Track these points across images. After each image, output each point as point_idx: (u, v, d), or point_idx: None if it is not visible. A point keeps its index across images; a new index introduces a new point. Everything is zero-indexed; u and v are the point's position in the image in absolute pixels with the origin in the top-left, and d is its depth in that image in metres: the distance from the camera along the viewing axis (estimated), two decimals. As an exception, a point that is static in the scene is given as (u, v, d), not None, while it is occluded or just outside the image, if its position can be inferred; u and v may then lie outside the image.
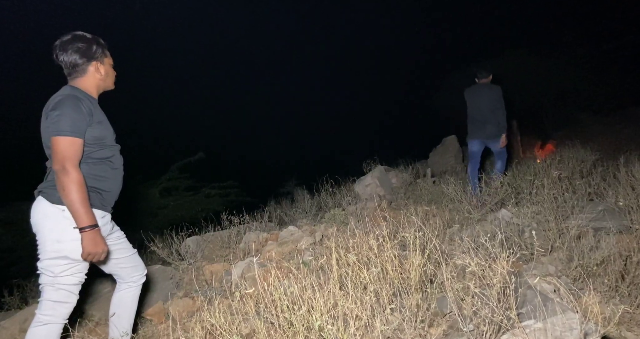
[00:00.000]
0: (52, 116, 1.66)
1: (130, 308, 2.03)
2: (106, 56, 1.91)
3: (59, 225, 1.69)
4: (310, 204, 4.60)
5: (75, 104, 1.69)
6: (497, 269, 1.55)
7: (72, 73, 1.83)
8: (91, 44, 1.83)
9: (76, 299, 1.77)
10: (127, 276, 2.01)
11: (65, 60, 1.79)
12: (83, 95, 1.79)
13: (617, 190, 3.26)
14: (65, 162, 1.62)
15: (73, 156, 1.65)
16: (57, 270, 1.69)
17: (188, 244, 3.53)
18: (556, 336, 1.48)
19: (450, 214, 3.43)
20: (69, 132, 1.64)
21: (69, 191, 1.61)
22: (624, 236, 2.59)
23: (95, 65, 1.85)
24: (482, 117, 4.62)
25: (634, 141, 8.14)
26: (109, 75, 1.93)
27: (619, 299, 1.99)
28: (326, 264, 1.84)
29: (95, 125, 1.76)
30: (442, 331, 1.73)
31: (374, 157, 5.68)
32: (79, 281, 1.77)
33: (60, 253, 1.68)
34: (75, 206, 1.62)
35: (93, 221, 1.67)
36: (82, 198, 1.63)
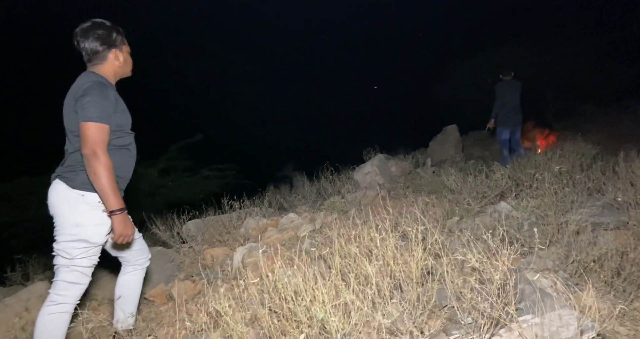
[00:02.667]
0: (83, 102, 1.69)
1: (136, 290, 2.09)
2: (124, 44, 1.95)
3: (78, 209, 1.74)
4: (309, 191, 4.61)
5: (104, 90, 1.73)
6: (498, 266, 1.57)
7: (92, 60, 1.86)
8: (111, 31, 1.86)
9: (88, 280, 1.84)
10: (133, 259, 2.06)
11: (86, 47, 1.82)
12: (107, 82, 1.82)
13: (616, 185, 3.28)
14: (96, 148, 1.66)
15: (102, 141, 1.70)
16: (75, 253, 1.75)
17: (189, 228, 3.56)
18: (553, 331, 1.52)
19: (450, 206, 3.46)
20: (98, 118, 1.69)
21: (101, 176, 1.66)
22: (621, 232, 2.63)
23: (115, 53, 1.88)
24: (512, 108, 5.80)
25: (633, 134, 8.16)
26: (127, 62, 1.97)
27: (614, 295, 2.03)
28: (329, 255, 1.86)
29: (119, 112, 1.81)
30: (440, 323, 1.76)
31: (374, 145, 5.67)
32: (93, 264, 1.84)
33: (78, 236, 1.74)
34: (106, 190, 1.67)
35: (122, 204, 1.74)
36: (113, 183, 1.69)
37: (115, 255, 2.04)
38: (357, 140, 8.59)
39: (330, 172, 4.72)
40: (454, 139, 7.67)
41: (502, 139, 5.95)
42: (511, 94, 5.78)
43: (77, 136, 1.73)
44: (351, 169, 5.09)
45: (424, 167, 5.46)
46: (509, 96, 5.77)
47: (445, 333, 1.76)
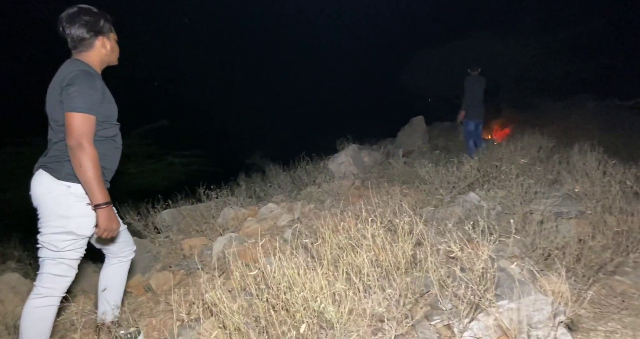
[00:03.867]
0: (69, 91, 1.61)
1: (121, 282, 2.06)
2: (112, 31, 1.87)
3: (65, 201, 1.68)
4: (284, 180, 4.62)
5: (91, 80, 1.66)
6: (480, 255, 1.67)
7: (78, 47, 1.77)
8: (99, 18, 1.78)
9: (75, 273, 1.79)
10: (119, 251, 2.02)
11: (72, 34, 1.74)
12: (93, 71, 1.75)
13: (573, 177, 3.55)
14: (82, 139, 1.60)
15: (89, 132, 1.63)
16: (61, 245, 1.69)
17: (164, 217, 3.48)
18: (527, 315, 1.65)
19: (423, 195, 3.60)
20: (84, 108, 1.62)
21: (86, 168, 1.60)
22: (580, 221, 2.87)
23: (102, 40, 1.80)
24: (478, 102, 6.19)
25: (581, 127, 8.77)
26: (114, 50, 1.89)
27: (575, 280, 2.23)
28: (319, 246, 1.91)
29: (106, 103, 1.75)
30: (423, 310, 1.87)
31: (346, 135, 5.75)
32: (79, 256, 1.79)
33: (65, 229, 1.69)
34: (92, 183, 1.62)
35: (108, 197, 1.69)
36: (98, 175, 1.64)
37: (99, 247, 1.99)
38: (327, 129, 8.63)
39: (307, 162, 4.74)
40: (420, 130, 7.90)
41: (468, 131, 6.29)
42: (478, 88, 6.13)
43: (62, 126, 1.65)
44: (326, 158, 5.14)
45: (395, 157, 5.61)
46: (477, 89, 6.13)
47: (427, 319, 1.87)
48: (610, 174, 3.27)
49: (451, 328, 1.79)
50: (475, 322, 1.76)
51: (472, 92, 6.15)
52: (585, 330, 1.84)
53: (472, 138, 6.32)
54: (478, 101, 6.19)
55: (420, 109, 10.12)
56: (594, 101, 11.08)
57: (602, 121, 9.36)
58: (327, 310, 1.41)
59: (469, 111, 6.21)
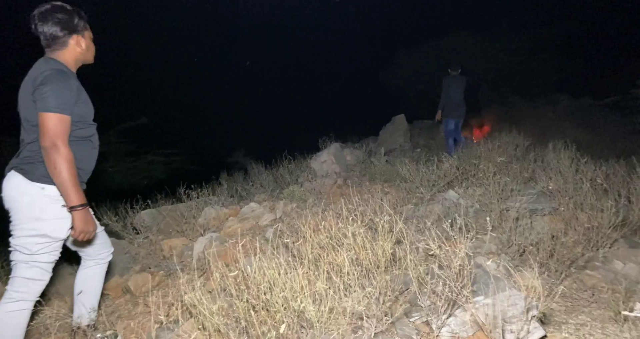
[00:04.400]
0: (42, 91, 1.57)
1: (97, 284, 2.02)
2: (87, 29, 1.81)
3: (39, 203, 1.64)
4: (267, 179, 4.60)
5: (65, 79, 1.62)
6: (457, 253, 1.71)
7: (52, 45, 1.72)
8: (73, 16, 1.72)
9: (49, 277, 1.75)
10: (95, 253, 1.98)
11: (45, 32, 1.68)
12: (68, 70, 1.70)
13: (547, 175, 3.66)
14: (56, 139, 1.56)
15: (63, 133, 1.59)
16: (35, 248, 1.65)
17: (143, 218, 3.41)
18: (502, 310, 1.70)
19: (404, 193, 3.65)
20: (59, 108, 1.58)
21: (61, 170, 1.56)
22: (553, 218, 2.96)
23: (77, 39, 1.75)
24: (458, 101, 6.28)
25: (556, 125, 9.03)
26: (89, 49, 1.84)
27: (547, 275, 2.30)
28: (300, 246, 1.91)
29: (81, 103, 1.70)
30: (402, 307, 1.90)
31: (329, 133, 5.76)
32: (54, 259, 1.75)
33: (39, 231, 1.65)
34: (67, 185, 1.58)
35: (84, 199, 1.65)
36: (74, 177, 1.60)
37: (75, 249, 1.94)
38: (310, 127, 8.63)
39: (288, 160, 4.73)
40: (402, 129, 7.98)
41: (448, 130, 6.40)
42: (458, 87, 6.23)
43: (35, 126, 1.60)
44: (308, 157, 5.14)
45: (377, 155, 5.65)
46: (456, 89, 6.21)
47: (407, 316, 1.90)
48: (582, 171, 3.38)
49: (429, 324, 1.83)
50: (452, 318, 1.80)
51: (449, 91, 6.22)
52: (557, 323, 1.91)
53: (452, 136, 6.42)
54: (458, 100, 6.25)
55: (402, 107, 10.24)
56: (569, 100, 11.42)
57: (576, 119, 9.66)
58: (307, 310, 1.42)
59: (449, 111, 6.28)
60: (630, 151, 5.72)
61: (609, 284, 2.21)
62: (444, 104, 6.32)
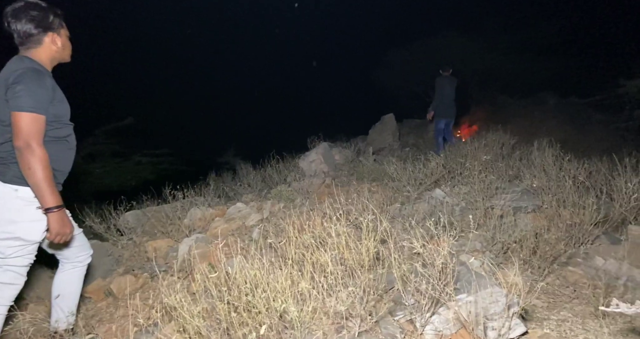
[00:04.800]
0: (15, 90, 1.52)
1: (76, 288, 1.98)
2: (63, 27, 1.76)
3: (12, 205, 1.61)
4: (255, 179, 4.58)
5: (39, 78, 1.58)
6: (440, 251, 1.72)
7: (26, 43, 1.67)
8: (47, 13, 1.68)
9: (24, 281, 1.71)
10: (73, 256, 1.94)
11: (19, 30, 1.64)
12: (43, 68, 1.66)
13: (532, 173, 3.70)
14: (30, 140, 1.52)
15: (38, 133, 1.55)
16: (8, 251, 1.62)
17: (127, 219, 3.37)
18: (484, 307, 1.71)
19: (391, 192, 3.66)
20: (33, 108, 1.54)
21: (35, 171, 1.52)
22: (537, 215, 3.00)
23: (52, 37, 1.71)
24: (449, 101, 6.37)
25: (542, 124, 9.14)
26: (65, 47, 1.78)
27: (531, 272, 2.33)
28: (284, 245, 1.90)
29: (56, 102, 1.66)
30: (387, 306, 1.90)
31: (317, 133, 5.75)
32: (29, 263, 1.71)
33: (13, 234, 1.61)
34: (42, 186, 1.54)
35: (59, 200, 1.62)
36: (48, 177, 1.56)
37: (52, 252, 1.90)
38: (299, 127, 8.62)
39: (276, 160, 4.72)
40: (391, 128, 8.01)
41: (438, 129, 6.51)
42: (450, 87, 6.34)
43: (8, 126, 1.56)
44: (296, 157, 5.12)
45: (365, 155, 5.66)
46: (447, 89, 6.32)
47: (391, 315, 1.91)
48: (565, 169, 3.42)
49: (414, 322, 1.83)
50: (436, 316, 1.81)
51: (442, 92, 6.32)
52: (539, 319, 1.93)
53: (441, 135, 6.51)
54: (449, 100, 6.36)
55: (392, 106, 10.26)
56: (555, 99, 11.59)
57: (562, 118, 9.80)
58: (289, 310, 1.41)
59: (440, 110, 6.38)
60: (614, 148, 5.81)
61: (590, 280, 2.24)
62: (437, 103, 6.43)
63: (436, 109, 6.45)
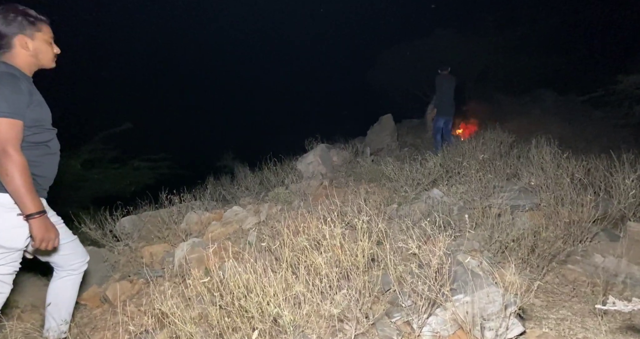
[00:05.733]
0: None
1: (70, 296, 1.94)
2: (39, 30, 1.70)
3: None
4: (252, 182, 4.56)
5: (14, 82, 1.54)
6: (435, 251, 1.70)
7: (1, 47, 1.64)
8: (16, 15, 1.64)
9: (10, 289, 1.68)
10: (66, 264, 1.91)
11: None
12: (19, 73, 1.62)
13: (529, 171, 3.68)
14: (6, 145, 1.49)
15: (14, 138, 1.52)
16: None
17: (124, 225, 3.35)
18: (481, 307, 1.69)
19: (389, 193, 3.64)
20: (8, 113, 1.50)
21: (13, 177, 1.49)
22: (535, 213, 2.97)
23: (21, 39, 1.65)
24: (448, 100, 6.49)
25: (541, 122, 9.12)
26: (41, 51, 1.72)
27: (529, 270, 2.31)
28: (278, 248, 1.89)
29: (34, 106, 1.62)
30: (383, 308, 1.88)
31: (315, 134, 5.74)
32: (13, 271, 1.68)
33: None
34: (21, 192, 1.51)
35: (41, 206, 1.58)
36: (28, 184, 1.53)
37: (45, 260, 1.87)
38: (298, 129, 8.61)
39: (273, 162, 4.70)
40: (389, 128, 7.98)
41: (437, 127, 6.62)
42: (447, 87, 6.46)
43: None
44: (294, 159, 5.11)
45: (363, 156, 5.65)
46: (446, 88, 6.45)
47: (388, 316, 1.89)
48: (563, 167, 3.40)
49: (411, 324, 1.81)
50: (433, 317, 1.79)
51: (442, 91, 6.45)
52: (538, 319, 1.91)
53: (439, 133, 6.61)
54: (448, 99, 6.50)
55: (390, 107, 10.25)
56: (553, 96, 11.58)
57: (560, 115, 9.79)
58: (282, 314, 1.39)
59: (440, 109, 6.52)
60: (613, 145, 5.79)
61: (589, 278, 2.22)
62: (437, 102, 6.61)
63: (436, 107, 6.60)
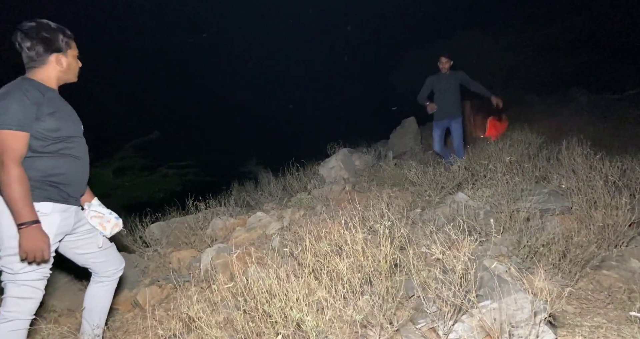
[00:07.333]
0: None
1: (103, 302, 2.00)
2: (70, 48, 1.81)
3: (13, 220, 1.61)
4: (275, 188, 4.62)
5: (20, 96, 1.60)
6: (459, 256, 1.67)
7: (30, 63, 1.73)
8: (57, 34, 1.73)
9: (42, 294, 1.72)
10: (101, 271, 1.97)
11: (27, 49, 1.69)
12: (33, 86, 1.67)
13: (560, 173, 3.55)
14: (3, 157, 1.54)
15: (13, 149, 1.56)
16: (17, 267, 1.63)
17: (152, 231, 3.46)
18: (509, 315, 1.65)
19: (412, 197, 3.60)
20: (11, 125, 1.56)
21: (8, 186, 1.54)
22: (566, 217, 2.87)
23: (57, 57, 1.75)
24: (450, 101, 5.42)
25: (573, 122, 8.78)
26: (71, 67, 1.83)
27: (561, 276, 2.22)
28: (301, 254, 1.90)
29: (45, 117, 1.67)
30: (408, 313, 1.86)
31: (337, 139, 5.75)
32: (43, 276, 1.72)
33: (17, 249, 1.61)
34: (13, 201, 1.55)
35: (32, 216, 1.59)
36: (22, 193, 1.56)
37: (81, 265, 1.95)
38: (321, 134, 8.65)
39: (296, 168, 4.74)
40: (412, 132, 7.89)
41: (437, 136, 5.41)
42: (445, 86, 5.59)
43: None
44: (316, 164, 5.14)
45: (386, 160, 5.61)
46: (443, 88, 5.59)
47: (413, 323, 1.86)
48: (596, 168, 3.27)
49: (436, 330, 1.78)
50: (459, 324, 1.75)
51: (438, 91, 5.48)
52: (571, 326, 1.84)
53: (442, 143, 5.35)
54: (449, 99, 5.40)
55: (412, 110, 10.11)
56: (585, 96, 11.13)
57: (593, 115, 9.40)
58: (305, 320, 1.40)
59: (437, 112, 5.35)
60: (651, 145, 5.51)
61: (626, 284, 2.11)
62: None
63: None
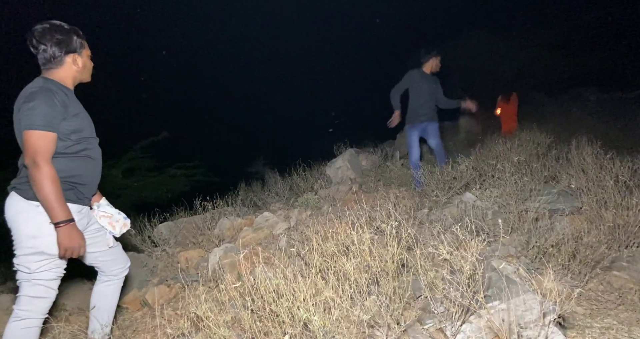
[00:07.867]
0: (24, 110, 1.60)
1: (110, 301, 2.03)
2: (84, 48, 1.85)
3: (34, 221, 1.66)
4: (282, 188, 4.63)
5: (48, 96, 1.63)
6: (467, 257, 1.66)
7: (47, 64, 1.76)
8: (71, 35, 1.77)
9: (55, 293, 1.75)
10: (108, 270, 2.00)
11: (42, 51, 1.73)
12: (57, 87, 1.72)
13: (569, 173, 3.51)
14: (36, 157, 1.57)
15: (45, 150, 1.60)
16: (34, 266, 1.66)
17: (161, 231, 3.49)
18: (518, 315, 1.64)
19: (419, 197, 3.58)
20: (41, 126, 1.59)
21: (41, 187, 1.57)
22: (575, 217, 2.83)
23: (73, 57, 1.79)
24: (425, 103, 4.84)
25: (582, 122, 8.67)
26: (86, 67, 1.87)
27: (570, 277, 2.20)
28: (307, 254, 1.90)
29: (71, 118, 1.71)
30: (415, 314, 1.85)
31: (344, 139, 5.74)
32: (57, 276, 1.75)
33: (36, 249, 1.65)
34: (49, 201, 1.58)
35: (68, 215, 1.63)
36: (56, 193, 1.59)
37: (88, 264, 1.98)
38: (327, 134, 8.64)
39: (303, 168, 4.75)
40: (419, 131, 7.85)
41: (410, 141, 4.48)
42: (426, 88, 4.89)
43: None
44: (323, 164, 5.14)
45: (393, 160, 5.59)
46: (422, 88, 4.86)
47: (420, 323, 1.85)
48: (606, 168, 3.23)
49: (444, 331, 1.77)
50: (467, 324, 1.74)
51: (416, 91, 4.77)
52: (581, 327, 1.82)
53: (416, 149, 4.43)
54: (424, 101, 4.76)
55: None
56: (595, 95, 10.98)
57: (604, 114, 9.28)
58: (312, 319, 1.40)
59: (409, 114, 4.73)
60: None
61: (637, 285, 2.09)
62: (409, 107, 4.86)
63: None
